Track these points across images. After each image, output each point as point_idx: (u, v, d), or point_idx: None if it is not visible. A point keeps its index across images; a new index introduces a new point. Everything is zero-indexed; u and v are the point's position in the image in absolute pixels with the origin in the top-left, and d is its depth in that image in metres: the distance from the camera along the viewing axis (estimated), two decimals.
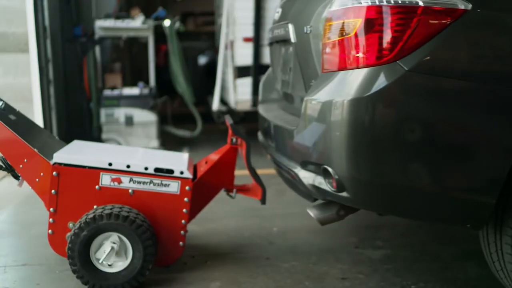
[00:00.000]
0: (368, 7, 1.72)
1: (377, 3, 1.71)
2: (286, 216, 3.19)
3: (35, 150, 2.17)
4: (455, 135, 1.70)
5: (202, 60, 9.12)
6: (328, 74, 1.87)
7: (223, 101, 5.64)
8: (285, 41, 2.42)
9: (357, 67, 1.74)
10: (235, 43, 5.16)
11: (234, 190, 2.52)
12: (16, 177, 2.31)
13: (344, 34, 1.78)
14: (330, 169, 1.79)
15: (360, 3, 1.74)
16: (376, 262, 2.45)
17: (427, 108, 1.69)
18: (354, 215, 2.11)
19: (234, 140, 2.46)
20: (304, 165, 1.98)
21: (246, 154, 2.40)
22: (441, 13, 1.68)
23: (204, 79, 8.06)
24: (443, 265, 2.41)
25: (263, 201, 2.46)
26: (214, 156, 2.49)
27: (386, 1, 1.70)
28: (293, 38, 2.24)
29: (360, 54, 1.73)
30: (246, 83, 5.17)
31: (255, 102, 5.19)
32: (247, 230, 2.94)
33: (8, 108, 2.33)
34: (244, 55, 5.14)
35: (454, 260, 2.47)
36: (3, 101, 2.33)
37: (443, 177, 1.72)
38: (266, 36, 2.90)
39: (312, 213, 2.07)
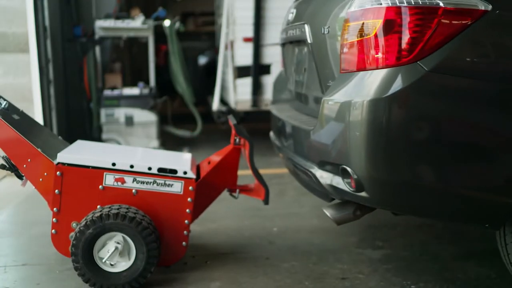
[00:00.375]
0: (388, 8, 1.73)
1: (398, 4, 1.72)
2: (287, 216, 3.21)
3: (39, 150, 2.18)
4: (475, 136, 1.72)
5: (202, 60, 9.12)
6: (346, 74, 1.88)
7: (223, 101, 5.65)
8: (299, 41, 2.43)
9: (377, 68, 1.75)
10: (235, 43, 5.17)
11: (237, 190, 2.53)
12: (20, 176, 2.32)
13: (363, 35, 1.79)
14: (349, 169, 1.80)
15: (380, 4, 1.75)
16: (376, 262, 2.47)
17: (448, 108, 1.70)
18: None
19: (237, 140, 2.47)
20: (322, 165, 1.98)
21: (250, 154, 2.41)
22: (462, 13, 1.69)
23: (204, 79, 8.07)
24: (443, 265, 2.42)
25: (266, 201, 2.47)
26: (217, 157, 2.50)
27: (407, 2, 1.71)
28: (309, 39, 2.25)
29: (380, 55, 1.74)
30: (246, 83, 5.18)
31: (255, 102, 5.20)
32: (247, 230, 2.95)
33: (11, 108, 2.34)
34: (244, 55, 5.15)
35: (454, 260, 2.48)
36: (7, 101, 2.33)
37: (463, 177, 1.74)
38: (279, 37, 2.90)
39: (328, 212, 2.07)
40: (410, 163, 1.73)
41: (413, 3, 1.71)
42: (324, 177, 1.97)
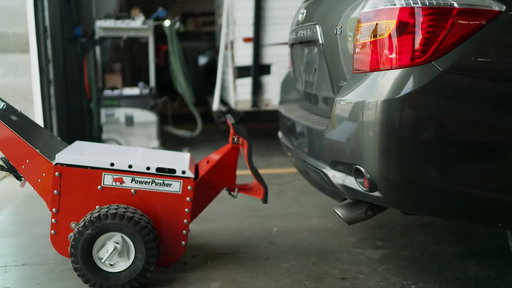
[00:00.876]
0: (401, 9, 1.73)
1: (412, 4, 1.72)
2: (286, 216, 3.20)
3: (37, 150, 2.18)
4: (489, 136, 1.72)
5: (202, 60, 9.12)
6: (359, 75, 1.88)
7: (223, 101, 5.65)
8: (309, 42, 2.43)
9: (391, 68, 1.75)
10: (235, 43, 5.17)
11: (236, 190, 2.53)
12: (18, 177, 2.32)
13: (377, 35, 1.80)
14: (362, 169, 1.80)
15: (394, 4, 1.75)
16: (376, 262, 2.46)
17: (462, 108, 1.70)
18: None
19: (235, 139, 2.47)
20: (334, 165, 1.98)
21: (248, 154, 2.41)
22: (476, 14, 1.69)
23: (204, 79, 8.07)
24: (443, 265, 2.42)
25: (265, 200, 2.46)
26: (215, 156, 2.50)
27: (421, 3, 1.71)
28: (321, 39, 2.24)
29: (394, 55, 1.74)
30: (246, 83, 5.18)
31: (255, 102, 5.20)
32: (247, 230, 2.95)
33: (10, 109, 2.34)
34: (244, 55, 5.15)
35: (454, 260, 2.48)
36: (5, 102, 2.33)
37: (476, 178, 1.74)
38: (288, 37, 2.90)
39: (339, 212, 2.07)
40: (424, 163, 1.73)
41: (427, 4, 1.71)
42: (337, 177, 1.97)
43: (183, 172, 2.28)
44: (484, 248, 2.61)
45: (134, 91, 5.34)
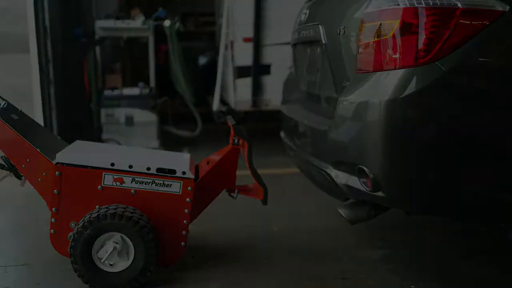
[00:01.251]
0: (405, 9, 1.73)
1: (415, 4, 1.72)
2: (286, 216, 3.20)
3: (38, 150, 2.18)
4: (491, 136, 1.72)
5: (202, 60, 9.12)
6: (363, 75, 1.89)
7: (223, 101, 5.65)
8: (312, 42, 2.44)
9: (394, 68, 1.76)
10: (235, 43, 5.17)
11: (236, 191, 2.52)
12: (19, 176, 2.32)
13: (380, 35, 1.80)
14: (365, 169, 1.80)
15: (398, 4, 1.75)
16: (376, 262, 2.46)
17: (465, 108, 1.71)
18: None
19: (236, 140, 2.47)
20: (337, 165, 1.99)
21: (248, 155, 2.41)
22: (480, 14, 1.70)
23: (204, 79, 8.07)
24: (443, 265, 2.42)
25: (264, 201, 2.46)
26: (215, 157, 2.50)
27: (425, 3, 1.72)
28: (324, 39, 2.25)
29: (397, 55, 1.75)
30: (246, 83, 5.18)
31: (255, 102, 5.20)
32: (247, 230, 2.95)
33: (11, 108, 2.34)
34: (244, 55, 5.15)
35: (454, 260, 2.48)
36: (6, 101, 2.33)
37: (480, 177, 1.74)
38: (291, 37, 2.91)
39: (342, 212, 2.07)
40: (427, 163, 1.74)
41: (431, 4, 1.71)
42: (340, 177, 1.98)
43: (183, 173, 2.28)
44: (484, 248, 2.62)
45: (134, 91, 5.33)
